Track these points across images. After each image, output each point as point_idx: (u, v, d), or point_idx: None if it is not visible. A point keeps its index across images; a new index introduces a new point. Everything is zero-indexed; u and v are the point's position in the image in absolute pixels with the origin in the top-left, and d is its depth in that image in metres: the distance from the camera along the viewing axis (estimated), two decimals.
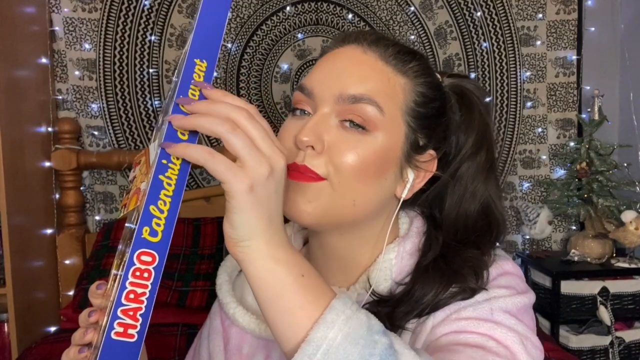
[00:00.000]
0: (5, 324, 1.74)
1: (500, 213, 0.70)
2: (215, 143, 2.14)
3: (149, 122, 2.10)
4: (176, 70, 0.53)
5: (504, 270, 0.65)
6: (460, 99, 0.70)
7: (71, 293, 1.86)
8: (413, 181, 0.66)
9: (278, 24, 2.15)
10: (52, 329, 1.86)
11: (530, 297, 0.63)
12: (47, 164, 1.90)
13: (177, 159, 0.46)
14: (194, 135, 0.47)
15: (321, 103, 0.63)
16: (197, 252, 1.84)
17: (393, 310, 0.62)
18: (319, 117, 0.62)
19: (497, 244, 0.69)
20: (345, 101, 0.61)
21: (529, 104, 2.27)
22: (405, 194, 0.66)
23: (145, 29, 2.08)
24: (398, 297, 0.63)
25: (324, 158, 0.61)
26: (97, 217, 2.09)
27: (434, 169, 0.68)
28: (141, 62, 2.08)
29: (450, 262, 0.63)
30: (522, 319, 0.60)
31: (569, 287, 1.96)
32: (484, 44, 2.22)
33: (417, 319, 0.61)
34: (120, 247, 0.54)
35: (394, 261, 0.67)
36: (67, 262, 1.93)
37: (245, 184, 0.45)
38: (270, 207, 0.48)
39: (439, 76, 0.71)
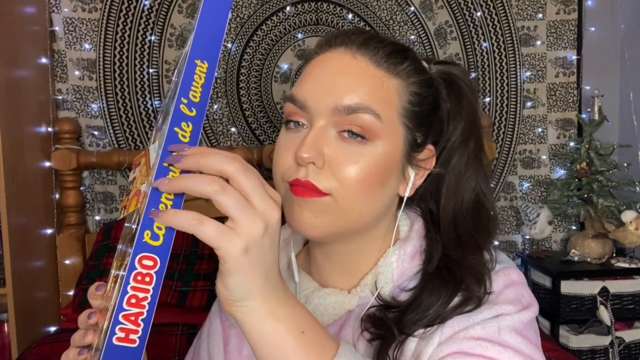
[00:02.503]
0: (5, 324, 1.74)
1: (492, 205, 0.69)
2: (215, 143, 2.14)
3: (149, 122, 2.10)
4: (176, 70, 0.52)
5: (511, 281, 0.64)
6: (449, 86, 0.69)
7: (71, 293, 1.85)
8: (414, 178, 0.66)
9: (278, 24, 2.15)
10: (52, 329, 1.86)
11: (535, 310, 0.63)
12: (47, 164, 1.90)
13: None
14: (180, 196, 0.45)
15: (316, 116, 0.61)
16: (197, 252, 1.84)
17: (401, 317, 0.62)
18: (317, 132, 0.61)
19: (496, 243, 0.68)
20: (341, 112, 0.60)
21: (529, 104, 2.26)
22: (407, 193, 0.66)
23: (145, 29, 2.07)
24: (406, 303, 0.63)
25: (326, 173, 0.60)
26: (97, 217, 2.09)
27: (433, 165, 0.68)
28: (141, 62, 2.08)
29: (454, 270, 0.63)
30: (528, 335, 0.59)
31: (569, 287, 1.96)
32: (484, 44, 2.22)
33: (425, 328, 0.60)
34: (119, 247, 0.54)
35: (395, 264, 0.66)
36: (67, 262, 1.93)
37: (239, 247, 0.43)
38: (265, 265, 0.46)
39: (426, 65, 0.69)
